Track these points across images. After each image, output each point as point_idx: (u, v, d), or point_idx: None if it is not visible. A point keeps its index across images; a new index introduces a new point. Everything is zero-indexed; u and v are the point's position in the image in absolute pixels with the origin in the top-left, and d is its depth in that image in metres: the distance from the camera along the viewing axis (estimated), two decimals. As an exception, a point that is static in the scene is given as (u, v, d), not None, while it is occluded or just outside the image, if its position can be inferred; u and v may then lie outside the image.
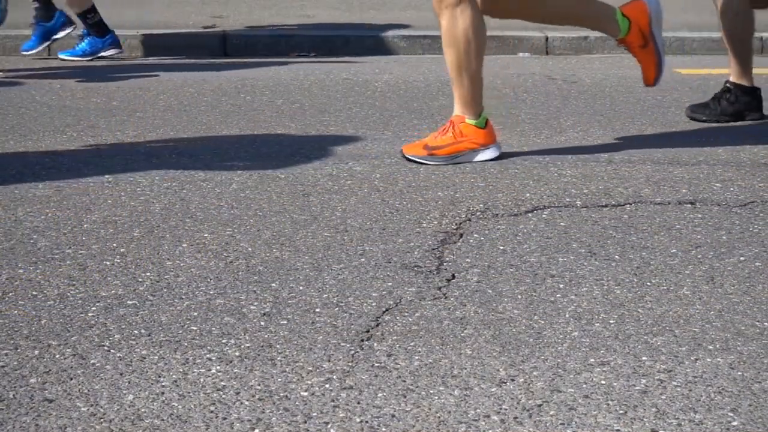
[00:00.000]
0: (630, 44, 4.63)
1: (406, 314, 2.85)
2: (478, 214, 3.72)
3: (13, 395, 2.39)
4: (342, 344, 2.66)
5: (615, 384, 2.47)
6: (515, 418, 2.32)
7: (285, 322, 2.79)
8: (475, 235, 3.49)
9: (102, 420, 2.28)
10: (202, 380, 2.46)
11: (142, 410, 2.32)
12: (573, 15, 4.65)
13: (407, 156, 4.37)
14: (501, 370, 2.53)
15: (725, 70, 5.45)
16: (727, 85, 5.27)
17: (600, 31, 4.68)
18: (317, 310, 2.87)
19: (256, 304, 2.91)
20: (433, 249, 3.36)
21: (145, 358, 2.58)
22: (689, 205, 3.85)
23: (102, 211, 3.70)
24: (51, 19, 6.93)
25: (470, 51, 4.32)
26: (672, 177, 4.21)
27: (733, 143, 4.78)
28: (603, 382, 2.48)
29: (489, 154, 4.41)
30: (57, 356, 2.58)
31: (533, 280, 3.11)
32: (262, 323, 2.78)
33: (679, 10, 8.25)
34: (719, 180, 4.18)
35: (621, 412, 2.35)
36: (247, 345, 2.65)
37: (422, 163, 4.33)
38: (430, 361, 2.58)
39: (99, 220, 3.61)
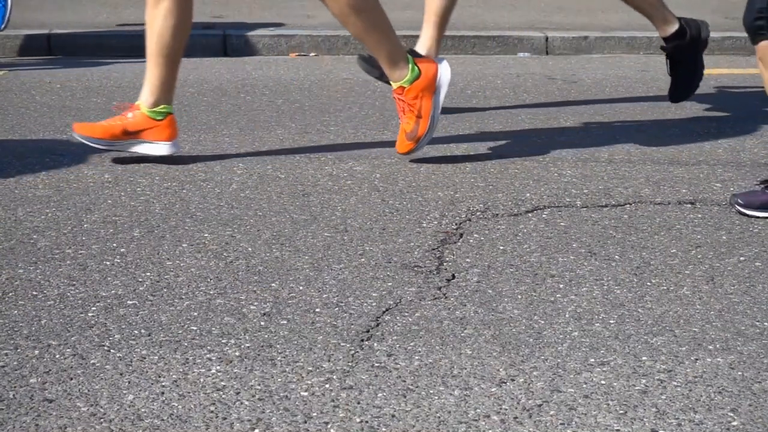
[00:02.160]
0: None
1: (406, 314, 2.85)
2: (478, 214, 3.72)
3: (13, 395, 2.39)
4: (342, 344, 2.66)
5: (615, 384, 2.47)
6: (515, 418, 2.32)
7: (285, 322, 2.79)
8: (475, 235, 3.49)
9: (102, 420, 2.28)
10: (202, 380, 2.46)
11: (142, 410, 2.32)
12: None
13: (404, 154, 4.36)
14: (501, 370, 2.53)
15: (725, 70, 5.46)
16: (663, 49, 5.22)
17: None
18: (317, 310, 2.87)
19: (256, 304, 2.91)
20: (433, 249, 3.36)
21: (145, 358, 2.58)
22: (689, 205, 3.85)
23: (102, 211, 3.70)
24: None
25: (366, 10, 4.20)
26: (672, 177, 4.21)
27: (733, 143, 4.78)
28: (603, 382, 2.48)
29: (444, 70, 4.32)
30: (57, 356, 2.58)
31: (533, 280, 3.11)
32: (262, 323, 2.78)
33: (679, 10, 8.24)
34: (719, 180, 4.18)
35: (621, 412, 2.35)
36: (247, 345, 2.65)
37: (419, 152, 4.32)
38: (430, 361, 2.58)
39: (99, 220, 3.61)
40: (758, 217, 3.67)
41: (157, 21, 4.21)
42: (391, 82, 4.35)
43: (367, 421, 2.29)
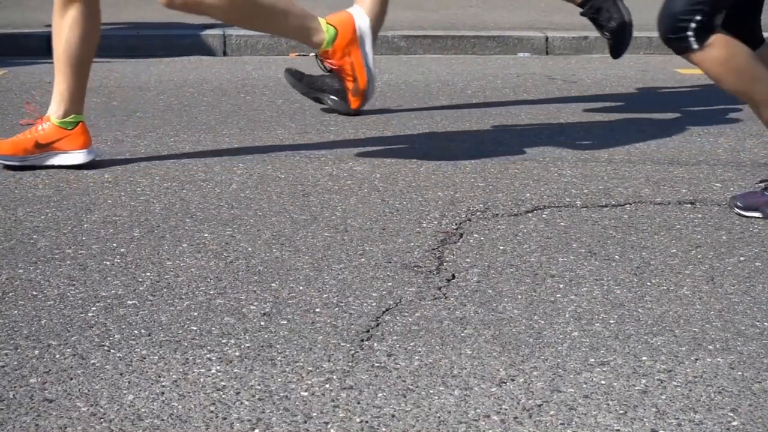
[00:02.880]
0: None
1: (406, 314, 2.85)
2: (478, 214, 3.72)
3: (13, 395, 2.39)
4: (342, 344, 2.66)
5: (615, 384, 2.47)
6: (515, 418, 2.32)
7: (285, 322, 2.79)
8: (475, 235, 3.49)
9: (102, 420, 2.28)
10: (202, 380, 2.46)
11: (142, 410, 2.32)
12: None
13: (356, 109, 4.31)
14: (501, 370, 2.53)
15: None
16: (583, 15, 5.21)
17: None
18: (317, 310, 2.87)
19: (256, 304, 2.91)
20: (433, 249, 3.36)
21: (145, 358, 2.58)
22: (689, 205, 3.85)
23: (102, 211, 3.70)
24: None
25: (250, 7, 4.06)
26: (672, 177, 4.21)
27: (733, 143, 4.78)
28: (603, 382, 2.48)
29: (360, 19, 4.25)
30: (57, 356, 2.58)
31: (533, 280, 3.11)
32: (262, 323, 2.78)
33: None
34: (719, 180, 4.18)
35: (621, 412, 2.35)
36: (247, 345, 2.65)
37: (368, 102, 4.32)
38: (430, 361, 2.58)
39: (99, 220, 3.61)
40: (758, 218, 3.67)
41: (64, 31, 4.12)
42: (312, 45, 4.25)
43: (367, 421, 2.29)
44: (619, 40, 5.17)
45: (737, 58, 3.53)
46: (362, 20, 4.25)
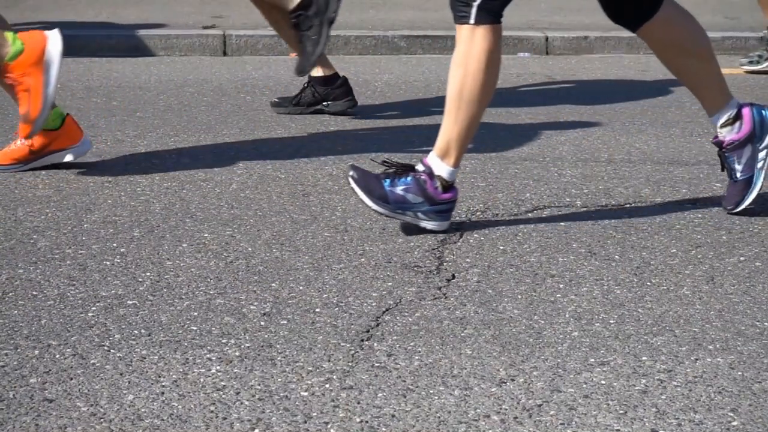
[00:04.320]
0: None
1: (406, 314, 2.85)
2: (478, 214, 3.72)
3: (13, 395, 2.39)
4: (342, 344, 2.66)
5: (615, 384, 2.47)
6: (515, 418, 2.32)
7: (285, 322, 2.79)
8: (475, 235, 3.49)
9: (102, 420, 2.28)
10: (202, 380, 2.46)
11: (142, 410, 2.33)
12: None
13: (25, 138, 4.13)
14: (501, 370, 2.53)
15: (725, 70, 5.42)
16: (290, 18, 5.14)
17: None
18: (317, 310, 2.87)
19: (256, 304, 2.91)
20: (433, 249, 3.36)
21: (145, 358, 2.58)
22: (689, 205, 3.85)
23: (102, 211, 3.70)
24: None
25: None
26: (672, 177, 4.21)
27: (733, 143, 4.77)
28: (603, 382, 2.48)
29: (54, 44, 3.98)
30: (57, 356, 2.58)
31: (533, 280, 3.11)
32: (262, 323, 2.78)
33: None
34: (719, 180, 4.17)
35: (621, 412, 2.35)
36: (247, 345, 2.65)
37: None
38: (430, 361, 2.58)
39: (99, 220, 3.61)
40: (751, 205, 3.65)
41: None
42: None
43: (367, 421, 2.29)
44: (307, 56, 4.92)
45: (493, 67, 3.39)
46: (54, 45, 3.96)
